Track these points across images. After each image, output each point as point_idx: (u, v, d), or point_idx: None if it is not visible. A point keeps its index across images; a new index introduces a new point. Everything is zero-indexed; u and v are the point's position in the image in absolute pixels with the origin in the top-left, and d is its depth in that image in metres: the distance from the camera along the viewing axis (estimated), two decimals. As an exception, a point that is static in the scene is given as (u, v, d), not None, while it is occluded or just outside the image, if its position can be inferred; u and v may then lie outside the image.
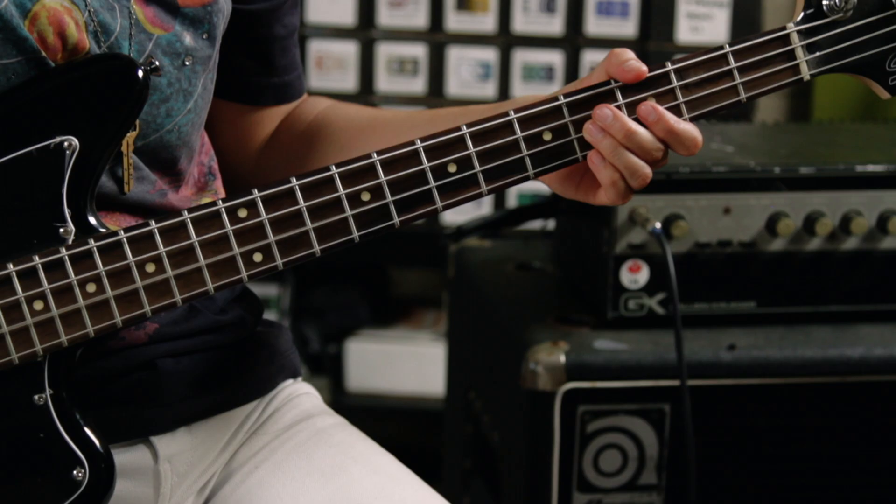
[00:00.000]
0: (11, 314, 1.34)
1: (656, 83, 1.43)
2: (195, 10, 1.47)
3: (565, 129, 1.42)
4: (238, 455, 1.58)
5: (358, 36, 3.55)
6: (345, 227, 1.39)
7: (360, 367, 3.66)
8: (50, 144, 1.35)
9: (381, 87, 3.56)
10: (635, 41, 3.48)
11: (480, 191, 1.41)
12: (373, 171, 1.39)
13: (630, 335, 2.12)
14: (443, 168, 1.40)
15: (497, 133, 1.41)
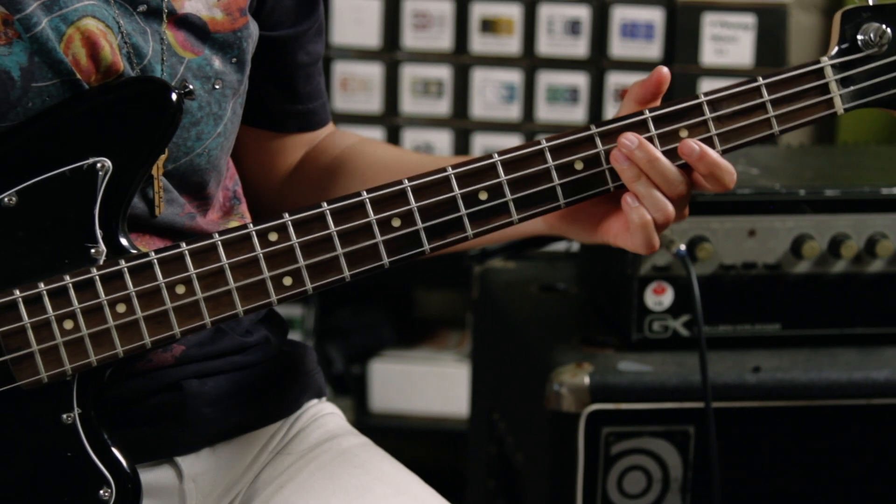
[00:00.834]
0: (41, 333, 1.34)
1: (689, 114, 1.42)
2: (225, 35, 1.48)
3: (597, 158, 1.42)
4: (263, 475, 1.58)
5: (383, 58, 3.55)
6: (375, 253, 1.39)
7: (384, 387, 3.66)
8: (83, 165, 1.36)
9: (405, 109, 3.57)
10: (660, 63, 3.48)
11: (511, 219, 1.41)
12: (403, 197, 1.39)
13: (654, 357, 2.12)
14: (474, 195, 1.40)
15: (528, 161, 1.41)
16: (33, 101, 1.36)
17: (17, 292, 1.33)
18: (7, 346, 1.33)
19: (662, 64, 3.44)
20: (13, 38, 1.34)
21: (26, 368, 1.34)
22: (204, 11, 1.46)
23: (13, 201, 1.35)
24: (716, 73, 3.46)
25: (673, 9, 3.45)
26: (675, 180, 1.41)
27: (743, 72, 3.46)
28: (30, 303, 1.33)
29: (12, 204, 1.35)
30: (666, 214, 1.41)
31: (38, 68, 1.35)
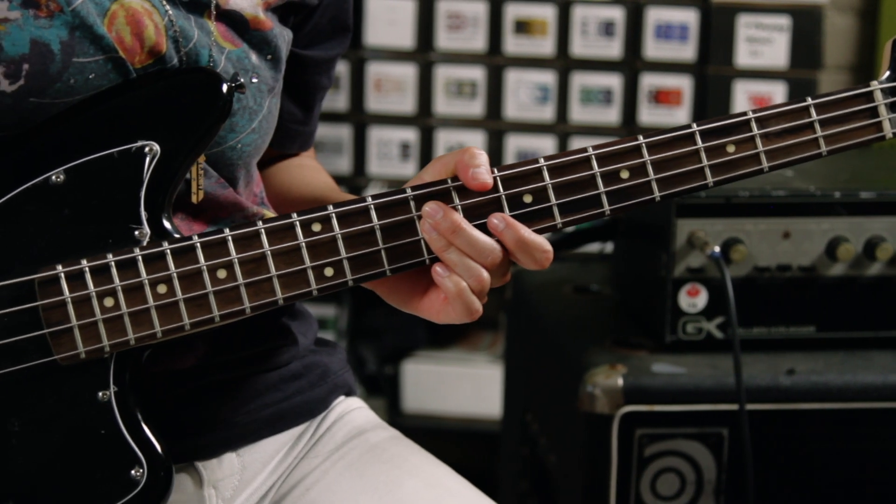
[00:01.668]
0: (82, 308, 1.35)
1: (736, 130, 1.42)
2: (263, 34, 1.49)
3: (643, 168, 1.42)
4: (290, 477, 1.58)
5: (416, 59, 3.56)
6: (416, 250, 1.39)
7: (417, 388, 3.67)
8: (132, 148, 1.37)
9: (439, 110, 3.57)
10: (694, 64, 3.48)
11: (555, 223, 1.41)
12: (447, 195, 1.39)
13: (688, 359, 2.12)
14: (518, 198, 1.40)
15: (575, 168, 1.41)
16: (75, 77, 1.36)
17: (60, 267, 1.34)
18: (47, 320, 1.34)
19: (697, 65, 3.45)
20: (55, 11, 1.35)
21: (65, 343, 1.35)
22: (248, 10, 1.47)
23: (61, 179, 1.35)
24: (750, 75, 3.45)
25: (707, 10, 3.45)
26: (484, 249, 1.37)
27: (778, 73, 3.45)
28: (72, 278, 1.34)
29: (60, 182, 1.35)
30: (480, 282, 1.37)
31: (80, 43, 1.36)
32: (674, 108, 3.50)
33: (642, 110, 3.52)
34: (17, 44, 1.34)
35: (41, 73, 1.35)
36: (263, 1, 1.49)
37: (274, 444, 1.57)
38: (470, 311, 1.38)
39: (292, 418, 1.59)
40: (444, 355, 3.71)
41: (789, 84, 3.46)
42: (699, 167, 1.41)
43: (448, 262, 1.37)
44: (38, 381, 1.35)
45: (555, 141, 3.55)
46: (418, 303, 1.43)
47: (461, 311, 1.38)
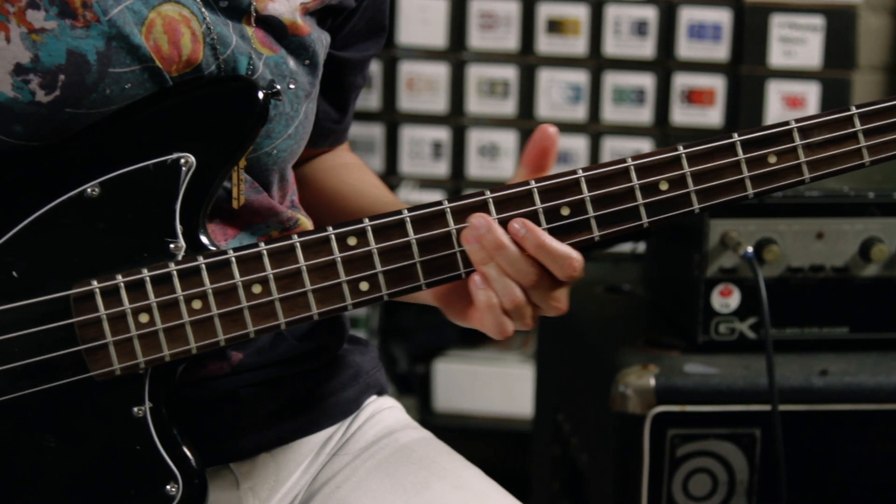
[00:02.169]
0: (117, 325, 1.35)
1: (778, 140, 1.41)
2: (301, 39, 1.48)
3: (682, 180, 1.41)
4: (320, 475, 1.58)
5: (449, 58, 3.56)
6: (452, 263, 1.38)
7: (448, 387, 3.67)
8: (167, 160, 1.36)
9: (471, 109, 3.58)
10: (727, 64, 3.47)
11: (592, 236, 1.40)
12: (484, 208, 1.38)
13: (720, 359, 2.11)
14: (555, 210, 1.40)
15: (613, 179, 1.40)
16: (111, 88, 1.36)
17: (95, 283, 1.34)
18: (82, 337, 1.34)
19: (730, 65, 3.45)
20: (91, 21, 1.35)
21: (100, 359, 1.35)
22: (286, 15, 1.46)
23: (96, 192, 1.35)
24: (784, 75, 3.44)
25: (741, 10, 3.44)
26: (523, 269, 1.35)
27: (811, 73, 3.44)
28: (107, 294, 1.34)
29: (95, 195, 1.35)
30: (513, 300, 1.35)
31: (116, 53, 1.36)
32: (706, 107, 3.50)
33: (675, 110, 3.51)
34: (54, 54, 1.34)
35: (77, 84, 1.35)
36: (301, 6, 1.48)
37: (307, 444, 1.57)
38: (500, 329, 1.36)
39: (325, 419, 1.59)
40: (476, 354, 3.71)
41: (823, 84, 3.45)
42: (739, 178, 1.40)
43: (485, 276, 1.36)
44: (73, 397, 1.35)
45: (587, 141, 3.55)
46: (465, 312, 1.42)
47: (491, 325, 1.37)
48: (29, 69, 1.33)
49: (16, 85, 1.33)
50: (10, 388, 1.34)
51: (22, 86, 1.33)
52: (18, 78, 1.33)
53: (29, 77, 1.33)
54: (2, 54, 1.33)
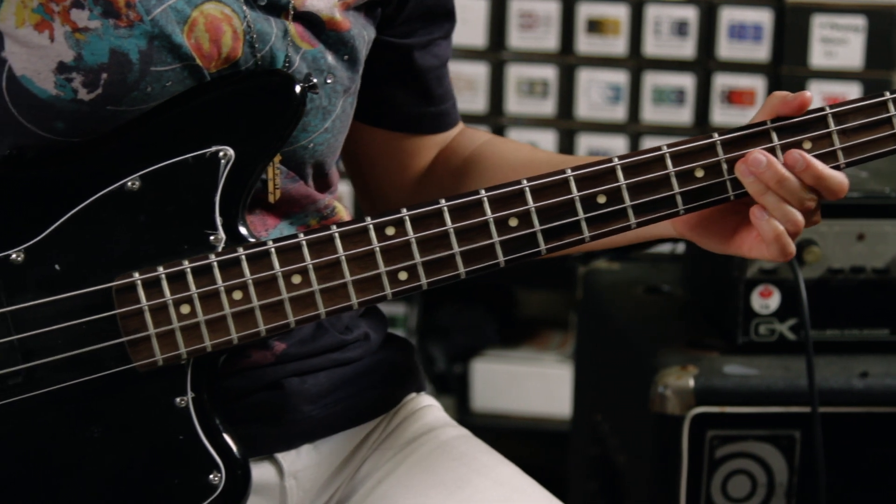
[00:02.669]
0: (158, 316, 1.36)
1: (813, 126, 1.41)
2: (339, 34, 1.49)
3: (718, 167, 1.41)
4: (362, 470, 1.59)
5: (488, 57, 3.56)
6: (491, 252, 1.39)
7: (486, 387, 3.67)
8: (206, 153, 1.37)
9: (510, 109, 3.57)
10: (768, 65, 3.46)
11: (629, 223, 1.41)
12: (521, 197, 1.39)
13: (760, 360, 2.11)
14: (592, 199, 1.40)
15: (649, 167, 1.40)
16: (152, 85, 1.37)
17: (137, 275, 1.35)
18: (125, 328, 1.35)
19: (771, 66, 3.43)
20: (135, 21, 1.36)
21: (142, 351, 1.36)
22: (324, 11, 1.47)
23: (136, 185, 1.36)
24: (825, 76, 3.42)
25: (782, 10, 3.42)
26: (804, 196, 1.40)
27: (852, 74, 3.42)
28: (148, 286, 1.35)
29: (135, 188, 1.36)
30: (796, 225, 1.40)
31: (158, 52, 1.37)
32: (747, 108, 3.48)
33: (715, 110, 3.50)
34: (97, 53, 1.35)
35: (119, 82, 1.36)
36: (341, 2, 1.49)
37: (348, 436, 1.59)
38: (785, 253, 1.40)
39: (365, 413, 1.60)
40: (514, 354, 3.71)
41: (864, 85, 3.43)
42: None
43: (766, 206, 1.39)
44: (116, 388, 1.36)
45: (626, 141, 3.54)
46: (730, 240, 1.46)
47: (777, 251, 1.40)
48: (72, 67, 1.34)
49: (58, 83, 1.34)
50: (54, 380, 1.35)
51: (65, 84, 1.34)
52: (61, 76, 1.34)
53: (72, 75, 1.34)
54: (46, 52, 1.34)
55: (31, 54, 1.34)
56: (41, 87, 1.34)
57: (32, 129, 1.35)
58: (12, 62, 1.34)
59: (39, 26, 1.34)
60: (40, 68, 1.34)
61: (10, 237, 1.35)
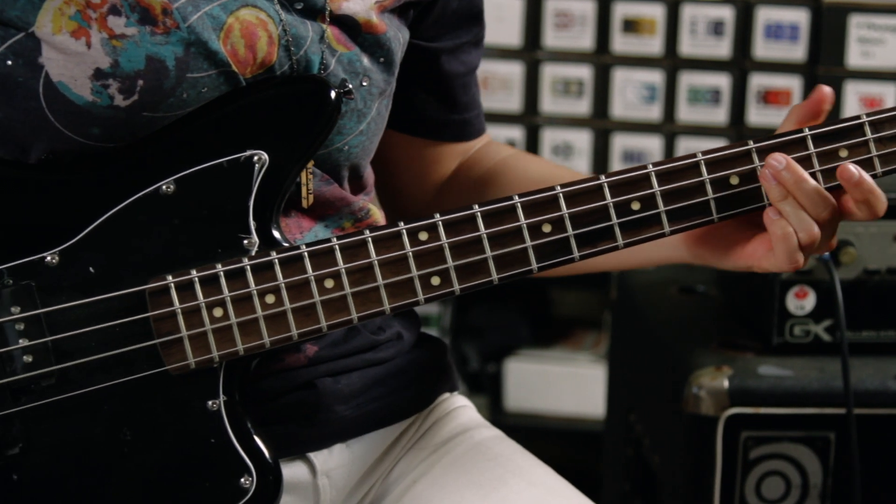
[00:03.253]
0: (191, 319, 1.36)
1: (850, 134, 1.40)
2: (376, 37, 1.49)
3: (753, 175, 1.41)
4: (396, 469, 1.59)
5: (523, 57, 3.56)
6: (524, 258, 1.39)
7: (520, 386, 3.67)
8: (240, 157, 1.38)
9: (545, 108, 3.57)
10: (804, 65, 3.45)
11: (663, 230, 1.40)
12: (555, 203, 1.39)
13: (795, 361, 2.10)
14: (626, 205, 1.40)
15: (683, 174, 1.40)
16: (188, 92, 1.37)
17: (170, 277, 1.36)
18: (158, 331, 1.36)
19: (807, 66, 3.42)
20: (171, 28, 1.36)
21: (175, 353, 1.36)
22: (361, 13, 1.47)
23: (171, 189, 1.37)
24: (862, 76, 3.41)
25: (818, 10, 3.41)
26: (821, 203, 1.39)
27: (890, 74, 3.41)
28: (182, 289, 1.36)
29: (170, 192, 1.37)
30: (810, 234, 1.39)
31: (194, 59, 1.37)
32: (783, 108, 3.47)
33: (751, 111, 3.49)
34: (133, 60, 1.35)
35: (155, 89, 1.36)
36: (377, 4, 1.49)
37: (381, 436, 1.59)
38: (792, 260, 1.40)
39: (398, 413, 1.61)
40: (548, 354, 3.71)
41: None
42: (811, 173, 1.40)
43: (782, 213, 1.39)
44: (148, 390, 1.37)
45: (661, 141, 3.53)
46: (740, 252, 1.46)
47: (784, 257, 1.40)
48: (108, 74, 1.35)
49: (95, 89, 1.35)
50: (87, 382, 1.36)
51: (101, 90, 1.35)
52: (98, 82, 1.35)
53: (108, 82, 1.35)
54: (82, 59, 1.34)
55: (67, 61, 1.34)
56: (78, 93, 1.35)
57: (68, 135, 1.36)
58: (49, 68, 1.34)
59: (76, 33, 1.34)
60: (77, 75, 1.34)
61: (46, 239, 1.36)
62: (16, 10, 1.33)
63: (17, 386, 1.35)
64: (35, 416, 1.35)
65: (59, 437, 1.36)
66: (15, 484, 1.36)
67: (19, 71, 1.34)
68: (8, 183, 1.36)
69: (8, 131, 1.37)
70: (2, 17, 1.33)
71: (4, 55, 1.34)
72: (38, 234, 1.36)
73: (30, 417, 1.35)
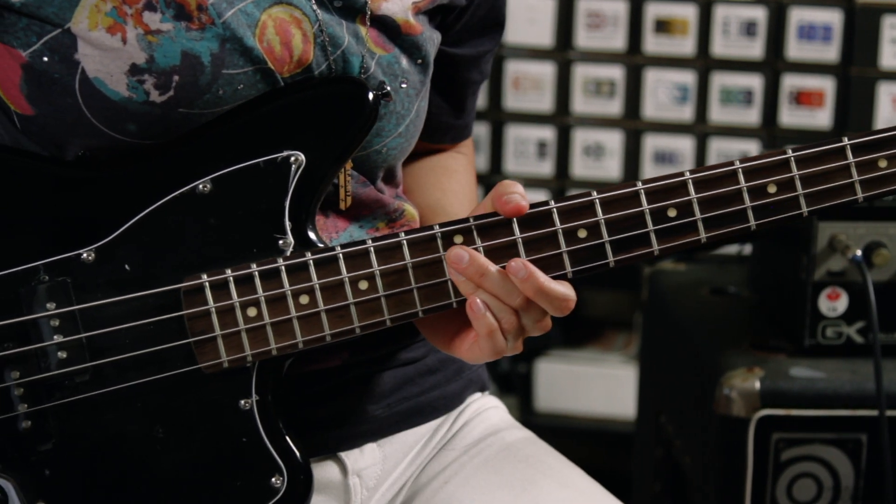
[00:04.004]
0: (225, 318, 1.37)
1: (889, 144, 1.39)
2: (414, 38, 1.49)
3: (791, 183, 1.40)
4: (427, 469, 1.60)
5: (555, 57, 3.56)
6: (558, 263, 1.38)
7: (550, 387, 3.66)
8: (277, 158, 1.38)
9: (576, 109, 3.57)
10: (837, 66, 3.44)
11: (699, 238, 1.40)
12: (591, 209, 1.38)
13: (827, 363, 2.09)
14: (662, 212, 1.40)
15: (721, 182, 1.40)
16: (224, 88, 1.38)
17: (205, 276, 1.36)
18: (191, 329, 1.36)
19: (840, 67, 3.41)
20: (206, 24, 1.37)
21: (208, 352, 1.37)
22: (399, 14, 1.47)
23: (208, 188, 1.37)
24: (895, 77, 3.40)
25: (852, 10, 3.40)
26: (512, 290, 1.35)
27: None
28: (216, 288, 1.36)
29: (206, 191, 1.37)
30: (511, 322, 1.36)
31: (229, 55, 1.37)
32: (815, 109, 3.46)
33: (783, 111, 3.48)
34: (169, 55, 1.36)
35: (191, 85, 1.37)
36: (413, 5, 1.49)
37: (412, 436, 1.59)
38: (497, 348, 1.37)
39: (429, 412, 1.61)
40: (578, 355, 3.70)
41: (935, 87, 3.41)
42: (849, 182, 1.40)
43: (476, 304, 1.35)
44: (181, 388, 1.38)
45: (693, 141, 3.53)
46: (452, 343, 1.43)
47: (488, 349, 1.37)
48: (144, 70, 1.35)
49: (131, 85, 1.36)
50: (121, 379, 1.37)
51: (137, 86, 1.36)
52: (133, 78, 1.36)
53: (144, 77, 1.35)
54: (118, 55, 1.35)
55: (103, 56, 1.35)
56: (114, 88, 1.35)
57: (104, 131, 1.37)
58: (85, 64, 1.35)
59: (112, 29, 1.35)
60: (113, 70, 1.35)
61: (82, 237, 1.36)
62: (52, 7, 1.34)
63: (52, 382, 1.36)
64: (69, 411, 1.36)
65: (92, 433, 1.37)
66: (48, 479, 1.37)
67: (55, 67, 1.35)
68: (45, 179, 1.37)
69: (44, 128, 1.37)
70: (38, 13, 1.34)
71: (41, 51, 1.35)
72: (74, 231, 1.36)
73: (63, 413, 1.36)
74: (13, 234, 1.36)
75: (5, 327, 1.35)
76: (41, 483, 1.36)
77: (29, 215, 1.37)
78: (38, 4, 1.33)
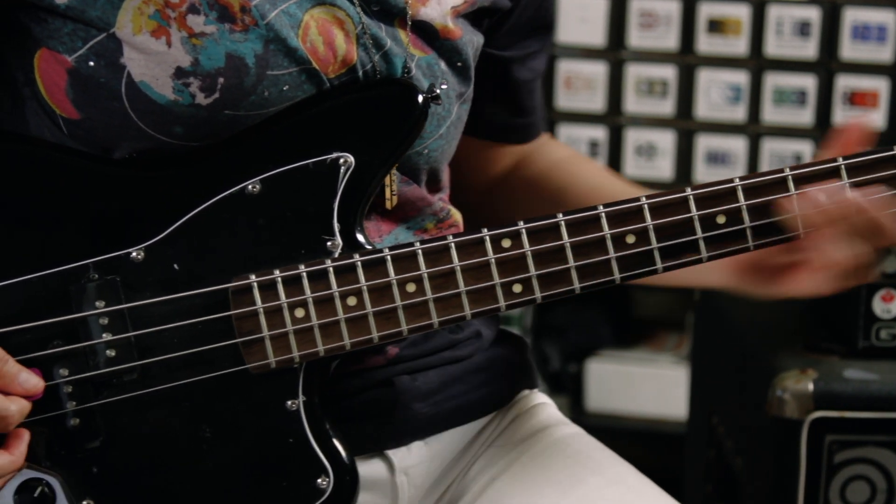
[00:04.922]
0: (273, 319, 1.37)
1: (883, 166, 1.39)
2: (453, 42, 1.49)
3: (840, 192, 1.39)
4: (475, 466, 1.59)
5: (608, 56, 3.55)
6: (606, 268, 1.38)
7: (601, 387, 3.66)
8: (326, 159, 1.38)
9: (628, 108, 3.56)
10: (891, 66, 3.41)
11: (748, 245, 1.39)
12: (640, 214, 1.38)
13: (881, 365, 2.08)
14: (711, 219, 1.39)
15: (770, 189, 1.39)
16: (269, 90, 1.38)
17: (253, 277, 1.36)
18: (239, 330, 1.36)
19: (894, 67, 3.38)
20: (250, 25, 1.37)
21: (256, 353, 1.37)
22: (438, 19, 1.47)
23: (257, 189, 1.38)
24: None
25: (907, 10, 3.38)
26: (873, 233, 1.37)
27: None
28: (264, 288, 1.36)
29: (256, 192, 1.38)
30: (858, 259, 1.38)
31: (274, 56, 1.38)
32: (869, 110, 3.44)
33: (837, 112, 3.46)
34: (213, 58, 1.36)
35: (236, 87, 1.37)
36: (452, 9, 1.49)
37: (460, 433, 1.59)
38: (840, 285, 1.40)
39: (477, 410, 1.61)
40: (629, 355, 3.69)
41: None
42: None
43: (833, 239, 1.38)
44: (228, 388, 1.38)
45: (746, 142, 3.51)
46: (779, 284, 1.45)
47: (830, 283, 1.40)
48: (189, 73, 1.36)
49: (176, 88, 1.36)
50: (168, 378, 1.37)
51: (182, 89, 1.36)
52: (179, 81, 1.36)
53: (189, 80, 1.36)
54: (163, 58, 1.35)
55: (148, 60, 1.35)
56: (159, 92, 1.36)
57: (151, 134, 1.37)
58: (131, 68, 1.35)
59: (156, 32, 1.35)
60: (158, 74, 1.35)
61: (132, 236, 1.37)
62: (96, 11, 1.34)
63: (100, 380, 1.36)
64: (116, 410, 1.37)
65: (139, 432, 1.37)
66: (95, 476, 1.37)
67: (101, 72, 1.35)
68: (96, 178, 1.38)
69: (91, 132, 1.38)
70: (83, 17, 1.34)
71: (87, 56, 1.35)
72: (123, 230, 1.37)
73: (111, 411, 1.37)
74: (64, 232, 1.37)
75: (55, 325, 1.36)
76: (88, 480, 1.37)
77: (79, 213, 1.37)
78: (82, 7, 1.34)
